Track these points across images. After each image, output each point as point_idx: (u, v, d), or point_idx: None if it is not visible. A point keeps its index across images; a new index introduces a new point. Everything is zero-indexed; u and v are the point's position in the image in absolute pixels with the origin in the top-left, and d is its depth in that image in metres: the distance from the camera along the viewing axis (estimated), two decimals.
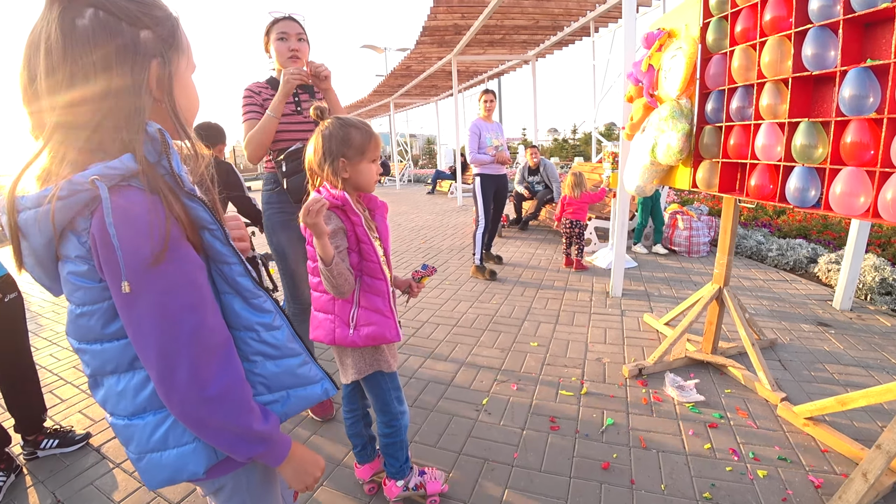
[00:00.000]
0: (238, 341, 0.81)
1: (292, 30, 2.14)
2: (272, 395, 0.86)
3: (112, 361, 0.75)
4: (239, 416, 0.76)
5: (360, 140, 1.46)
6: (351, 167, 1.46)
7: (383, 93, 15.05)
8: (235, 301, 0.80)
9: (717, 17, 2.19)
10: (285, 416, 0.88)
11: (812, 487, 1.78)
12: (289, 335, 0.87)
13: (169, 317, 0.69)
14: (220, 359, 0.74)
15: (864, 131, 1.60)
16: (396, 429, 1.67)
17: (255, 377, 0.84)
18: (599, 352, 2.92)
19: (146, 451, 0.78)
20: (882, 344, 2.97)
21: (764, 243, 5.09)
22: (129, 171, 0.66)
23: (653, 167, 2.56)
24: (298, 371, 0.88)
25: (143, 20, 0.70)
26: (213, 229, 0.75)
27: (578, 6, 6.96)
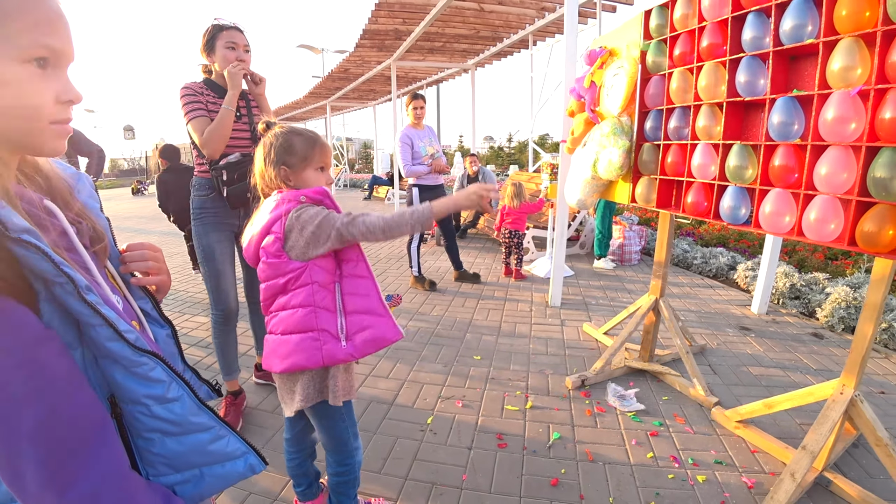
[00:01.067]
0: (129, 417, 0.66)
1: (241, 41, 2.16)
2: (180, 475, 0.71)
3: None
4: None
5: (302, 147, 1.38)
6: (294, 175, 1.39)
7: (320, 95, 14.65)
8: (114, 369, 0.63)
9: (656, 40, 2.27)
10: (200, 497, 0.74)
11: (746, 489, 1.88)
12: (191, 407, 0.71)
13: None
14: (84, 453, 0.58)
15: (789, 156, 1.71)
16: (350, 467, 1.53)
17: (155, 457, 0.69)
18: (542, 363, 2.94)
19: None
20: (795, 345, 3.23)
21: (689, 251, 5.41)
22: None
23: (594, 181, 2.62)
24: (210, 448, 0.73)
25: None
26: (60, 282, 0.56)
27: (518, 19, 7.10)
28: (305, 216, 1.31)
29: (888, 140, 1.43)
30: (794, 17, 1.65)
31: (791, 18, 1.66)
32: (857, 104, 1.50)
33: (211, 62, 2.17)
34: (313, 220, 1.30)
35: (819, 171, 1.60)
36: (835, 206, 1.58)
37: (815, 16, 1.61)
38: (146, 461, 0.68)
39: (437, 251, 6.15)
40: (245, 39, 2.18)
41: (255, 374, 2.70)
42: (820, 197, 1.61)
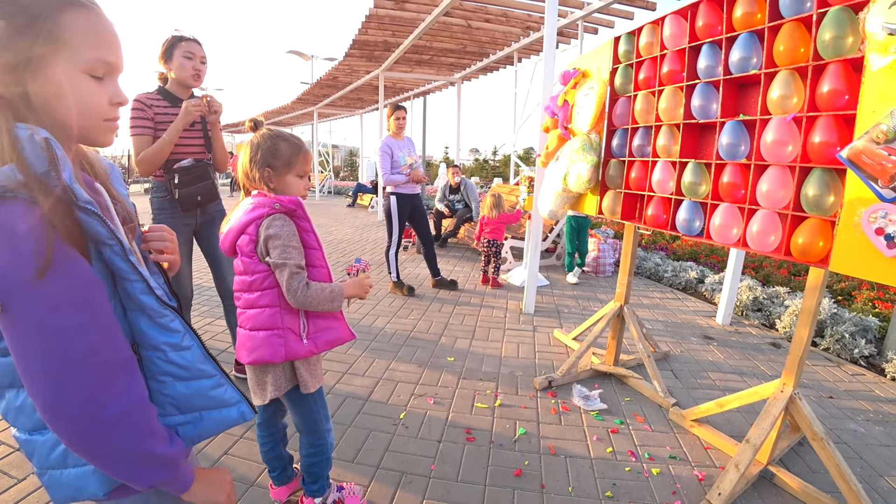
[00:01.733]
0: (146, 360, 0.79)
1: (198, 52, 2.33)
2: (183, 417, 0.83)
3: (8, 377, 0.70)
4: (140, 441, 0.72)
5: (287, 153, 1.47)
6: (277, 179, 1.48)
7: (307, 101, 14.74)
8: (141, 319, 0.77)
9: (624, 64, 2.46)
10: (199, 437, 0.85)
11: (697, 481, 2.02)
12: (199, 356, 0.83)
13: (57, 337, 0.64)
14: (118, 380, 0.70)
15: (737, 174, 1.88)
16: (322, 447, 1.65)
17: (164, 397, 0.81)
18: (513, 366, 3.07)
19: (46, 467, 0.75)
20: (754, 354, 3.42)
21: (661, 265, 5.62)
22: (12, 182, 0.60)
23: (565, 194, 2.78)
24: (211, 393, 0.85)
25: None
26: (111, 244, 0.70)
27: (504, 37, 7.33)
28: (274, 232, 1.39)
29: (818, 161, 1.61)
30: (741, 49, 1.84)
31: (738, 51, 1.84)
32: (792, 129, 1.68)
33: (168, 69, 2.33)
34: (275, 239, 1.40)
35: (761, 188, 1.78)
36: (774, 220, 1.75)
37: (758, 49, 1.80)
38: (156, 402, 0.80)
39: (416, 258, 6.26)
40: (202, 52, 2.35)
41: (235, 368, 2.78)
42: (761, 211, 1.79)
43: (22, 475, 1.93)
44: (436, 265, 4.89)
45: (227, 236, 1.48)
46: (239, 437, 2.22)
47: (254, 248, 1.43)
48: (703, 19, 1.99)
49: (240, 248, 1.45)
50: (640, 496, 1.91)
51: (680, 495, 1.93)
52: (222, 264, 2.60)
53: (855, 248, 1.50)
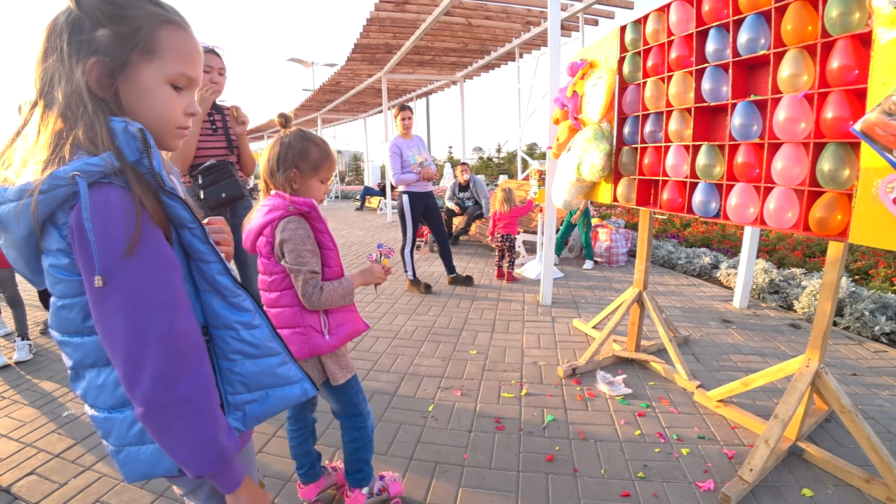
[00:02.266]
0: (218, 340, 0.83)
1: (216, 64, 2.36)
2: (251, 395, 0.87)
3: (92, 355, 0.75)
4: (204, 423, 0.75)
5: (317, 156, 1.50)
6: (301, 181, 1.49)
7: (311, 107, 14.86)
8: (215, 300, 0.82)
9: (631, 53, 2.49)
10: (264, 415, 0.89)
11: (727, 459, 2.05)
12: (269, 334, 0.87)
13: (139, 313, 0.69)
14: (189, 361, 0.74)
15: (750, 154, 1.91)
16: (365, 430, 1.70)
17: (235, 376, 0.85)
18: (535, 356, 3.11)
19: (125, 444, 0.79)
20: (773, 335, 3.44)
21: (674, 252, 5.63)
22: (109, 168, 0.67)
23: (578, 183, 2.81)
24: (278, 371, 0.88)
25: (103, 19, 0.70)
26: (192, 227, 0.76)
27: (504, 33, 7.37)
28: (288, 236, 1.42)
29: (832, 136, 1.64)
30: (748, 31, 1.86)
31: (746, 32, 1.87)
32: (804, 106, 1.70)
33: None
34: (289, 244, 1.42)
35: (776, 167, 1.80)
36: (790, 196, 1.78)
37: (766, 30, 1.83)
38: (226, 380, 0.84)
39: (430, 257, 6.31)
40: (221, 63, 2.38)
41: None
42: (777, 189, 1.81)
43: (63, 480, 2.01)
44: (451, 262, 4.94)
45: (248, 236, 1.51)
46: (272, 436, 2.28)
47: (271, 249, 1.46)
48: (709, 4, 2.01)
49: (258, 250, 1.48)
50: (672, 476, 1.95)
51: (711, 473, 1.96)
52: (249, 268, 2.66)
53: (873, 218, 1.53)
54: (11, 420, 2.52)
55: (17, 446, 2.27)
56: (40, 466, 2.11)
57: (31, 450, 2.24)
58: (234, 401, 0.86)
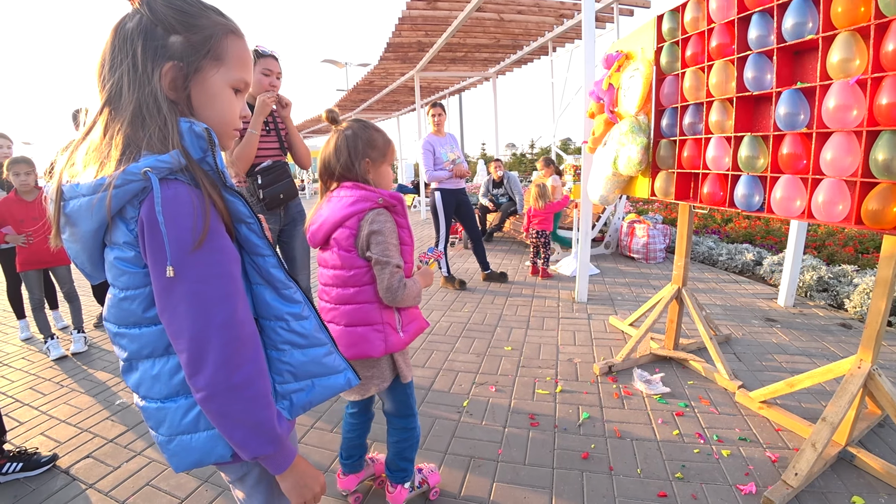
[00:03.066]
0: (268, 330, 0.87)
1: (275, 68, 2.45)
2: (298, 384, 0.90)
3: (149, 345, 0.79)
4: (261, 408, 0.80)
5: (382, 142, 1.51)
6: (374, 168, 1.48)
7: (345, 107, 15.07)
8: (267, 292, 0.86)
9: (669, 43, 2.42)
10: (310, 404, 0.92)
11: (770, 462, 1.98)
12: (316, 325, 0.91)
13: (204, 303, 0.73)
14: (248, 349, 0.78)
15: (797, 144, 1.83)
16: (416, 429, 1.72)
17: (284, 365, 0.88)
18: (570, 353, 3.08)
19: (177, 433, 0.82)
20: (822, 335, 3.28)
21: (714, 248, 5.45)
22: (177, 165, 0.72)
23: (615, 178, 2.76)
24: (324, 360, 0.92)
25: (177, 26, 0.75)
26: (250, 223, 0.81)
27: (537, 27, 7.27)
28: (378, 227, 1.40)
29: (887, 124, 1.55)
30: (794, 15, 1.78)
31: (792, 17, 1.79)
32: (856, 92, 1.62)
33: None
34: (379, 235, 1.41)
35: (825, 157, 1.72)
36: (841, 188, 1.69)
37: (814, 13, 1.74)
38: (275, 370, 0.88)
39: (465, 254, 6.32)
40: (279, 67, 2.48)
41: None
42: (827, 180, 1.73)
43: (116, 464, 2.12)
44: (485, 259, 4.93)
45: (322, 227, 1.47)
46: (310, 427, 2.35)
47: (353, 241, 1.42)
48: None
49: (336, 241, 1.44)
50: (711, 477, 1.89)
51: (753, 476, 1.89)
52: (296, 264, 2.74)
53: None
54: (69, 407, 2.68)
55: (74, 431, 2.42)
56: (96, 450, 2.24)
57: (87, 435, 2.38)
58: (282, 390, 0.89)
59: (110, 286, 0.79)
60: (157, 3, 0.74)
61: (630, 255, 5.73)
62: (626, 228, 5.84)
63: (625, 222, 5.94)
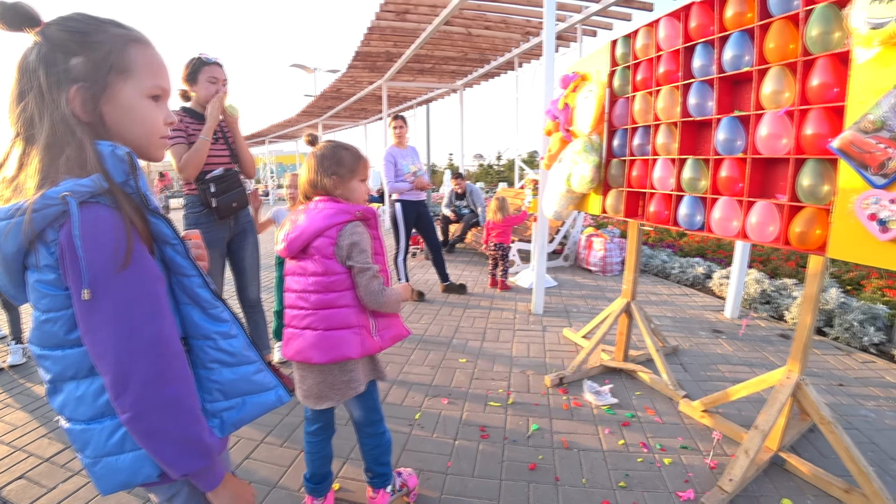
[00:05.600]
0: (197, 349, 0.87)
1: (220, 75, 2.46)
2: (229, 402, 0.90)
3: (73, 367, 0.78)
4: (190, 423, 0.80)
5: (350, 160, 1.59)
6: (342, 184, 1.58)
7: (312, 113, 14.92)
8: (194, 311, 0.86)
9: (621, 67, 2.52)
10: (241, 421, 0.92)
11: (708, 469, 2.07)
12: (245, 343, 0.92)
13: (129, 323, 0.73)
14: (175, 367, 0.79)
15: (734, 168, 1.94)
16: (385, 431, 1.78)
17: (213, 384, 0.88)
18: (524, 365, 3.12)
19: (103, 454, 0.81)
20: (763, 345, 3.46)
21: (668, 262, 5.65)
22: (97, 189, 0.72)
23: (568, 194, 2.84)
24: (254, 378, 0.92)
25: (75, 48, 0.75)
26: (174, 244, 0.82)
27: (504, 43, 7.43)
28: (357, 239, 1.51)
29: (811, 152, 1.67)
30: (733, 48, 1.90)
31: (731, 49, 1.91)
32: (785, 122, 1.73)
33: (192, 90, 2.46)
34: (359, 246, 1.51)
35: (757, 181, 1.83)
36: (772, 211, 1.80)
37: (750, 47, 1.86)
38: (205, 388, 0.88)
39: (425, 265, 6.33)
40: (224, 74, 2.48)
41: None
42: (759, 203, 1.84)
43: (52, 484, 2.02)
44: (444, 270, 4.96)
45: (301, 236, 1.52)
46: (259, 442, 2.30)
47: (333, 250, 1.51)
48: (696, 20, 2.05)
49: (317, 249, 1.51)
50: (652, 485, 1.96)
51: (692, 483, 1.97)
52: (247, 275, 2.72)
53: (850, 234, 1.55)
54: (3, 424, 2.53)
55: (7, 450, 2.28)
56: (30, 471, 2.12)
57: (21, 454, 2.25)
58: (212, 408, 0.89)
59: (33, 308, 0.78)
60: (52, 30, 0.74)
61: (588, 268, 5.87)
62: (585, 242, 5.99)
63: (583, 235, 6.09)
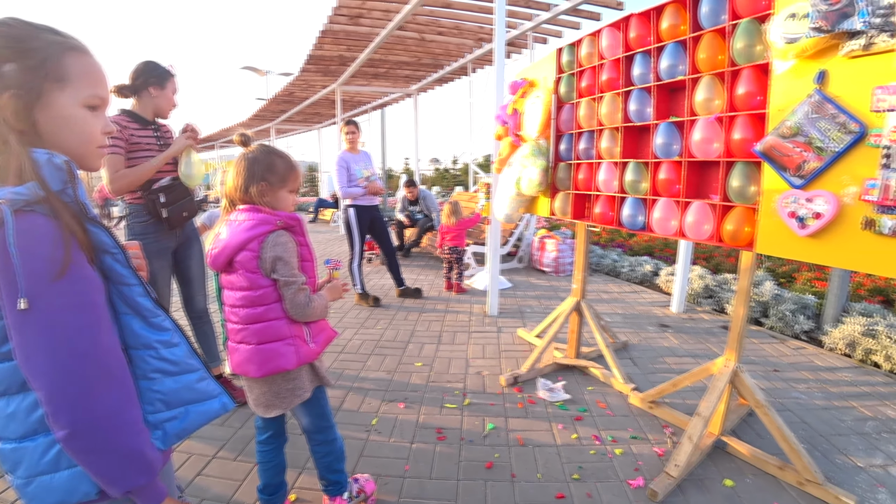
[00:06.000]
0: (138, 360, 0.85)
1: (178, 86, 2.42)
2: (171, 412, 0.88)
3: (3, 382, 0.75)
4: (131, 436, 0.77)
5: (282, 168, 1.53)
6: (271, 192, 1.51)
7: (264, 117, 14.57)
8: (134, 321, 0.84)
9: (567, 74, 2.62)
10: (185, 432, 0.90)
11: (657, 457, 2.17)
12: (187, 352, 0.90)
13: (65, 334, 0.71)
14: (115, 378, 0.77)
15: (671, 170, 2.05)
16: (336, 439, 1.75)
17: (155, 394, 0.86)
18: (479, 366, 3.16)
19: (36, 473, 0.77)
20: (706, 337, 3.67)
21: (618, 261, 5.86)
22: (33, 197, 0.70)
23: (518, 197, 2.91)
24: (197, 386, 0.91)
25: (8, 54, 0.73)
26: (114, 253, 0.80)
27: (457, 49, 7.51)
28: (280, 252, 1.45)
29: (739, 155, 1.79)
30: (668, 58, 2.01)
31: (667, 59, 2.02)
32: (715, 128, 1.85)
33: (154, 94, 2.33)
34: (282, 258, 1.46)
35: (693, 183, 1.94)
36: (706, 210, 1.92)
37: (683, 57, 1.98)
38: (146, 400, 0.85)
39: (380, 270, 6.29)
40: (176, 84, 2.44)
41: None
42: (695, 203, 1.95)
43: None
44: (399, 275, 4.96)
45: (224, 251, 1.47)
46: (212, 457, 2.22)
47: (257, 263, 1.45)
48: (635, 31, 2.16)
49: (240, 264, 1.46)
50: (605, 476, 2.03)
51: (642, 471, 2.06)
52: (193, 285, 2.63)
53: (774, 230, 1.68)
54: None
55: None
56: None
57: None
58: (154, 419, 0.86)
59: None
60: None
61: (541, 269, 6.01)
62: (538, 243, 6.13)
63: (536, 237, 6.23)
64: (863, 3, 1.36)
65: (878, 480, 2.01)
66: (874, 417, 2.50)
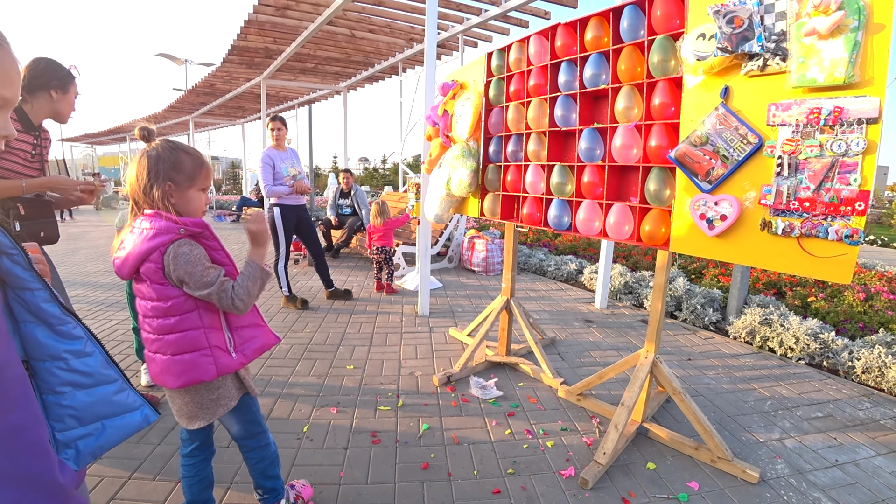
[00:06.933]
0: (43, 373, 0.76)
1: (79, 90, 2.22)
2: (84, 429, 0.80)
3: None
4: (35, 458, 0.69)
5: (190, 166, 1.40)
6: (178, 194, 1.38)
7: (182, 109, 13.66)
8: (38, 330, 0.75)
9: (497, 77, 2.68)
10: (101, 449, 0.83)
11: (586, 446, 2.29)
12: (102, 361, 0.82)
13: None
14: (15, 393, 0.68)
15: (594, 174, 2.16)
16: (269, 444, 1.68)
17: (64, 410, 0.78)
18: (412, 367, 3.16)
19: None
20: (627, 331, 3.91)
21: (545, 260, 6.09)
22: None
23: (448, 198, 2.95)
24: (115, 399, 0.83)
25: None
26: (13, 254, 0.71)
27: (388, 47, 7.45)
28: (183, 263, 1.33)
29: (656, 161, 1.91)
30: (592, 67, 2.11)
31: (590, 68, 2.12)
32: (634, 135, 1.97)
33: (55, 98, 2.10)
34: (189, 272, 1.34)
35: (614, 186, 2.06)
36: (626, 212, 2.04)
37: (606, 67, 2.09)
38: (54, 416, 0.76)
39: (308, 272, 6.11)
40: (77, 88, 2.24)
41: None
42: (616, 205, 2.07)
43: None
44: (328, 276, 4.84)
45: (126, 261, 1.35)
46: (127, 479, 2.04)
47: (162, 274, 1.34)
48: (561, 40, 2.25)
49: (146, 275, 1.35)
50: (538, 468, 2.11)
51: (573, 461, 2.16)
52: None
53: (686, 231, 1.82)
54: None
55: None
56: None
57: None
58: (65, 437, 0.78)
59: None
60: None
61: (471, 269, 6.11)
62: (468, 243, 6.23)
63: (466, 237, 6.33)
64: (759, 29, 1.50)
65: (777, 452, 2.25)
66: (771, 397, 2.79)
